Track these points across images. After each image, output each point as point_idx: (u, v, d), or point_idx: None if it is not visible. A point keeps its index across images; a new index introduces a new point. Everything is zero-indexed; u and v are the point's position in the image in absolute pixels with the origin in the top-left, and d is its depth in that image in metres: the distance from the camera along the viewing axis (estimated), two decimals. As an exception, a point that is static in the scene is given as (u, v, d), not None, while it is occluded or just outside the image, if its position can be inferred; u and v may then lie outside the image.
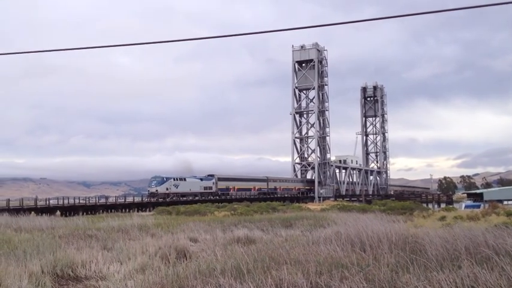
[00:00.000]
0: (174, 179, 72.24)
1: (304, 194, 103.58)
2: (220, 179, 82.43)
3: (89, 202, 59.74)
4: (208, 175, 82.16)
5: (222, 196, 78.65)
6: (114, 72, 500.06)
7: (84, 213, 48.35)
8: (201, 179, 79.25)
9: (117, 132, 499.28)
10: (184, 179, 75.15)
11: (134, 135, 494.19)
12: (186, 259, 12.97)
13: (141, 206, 61.02)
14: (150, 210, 53.96)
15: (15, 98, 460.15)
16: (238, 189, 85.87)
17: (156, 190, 68.30)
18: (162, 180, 69.94)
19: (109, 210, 52.51)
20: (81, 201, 60.38)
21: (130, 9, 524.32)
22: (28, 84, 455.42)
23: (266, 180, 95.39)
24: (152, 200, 66.46)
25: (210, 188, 79.36)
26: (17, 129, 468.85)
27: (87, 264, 12.49)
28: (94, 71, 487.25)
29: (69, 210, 52.12)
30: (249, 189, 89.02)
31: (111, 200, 64.20)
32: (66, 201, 57.56)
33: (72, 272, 12.07)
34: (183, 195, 71.87)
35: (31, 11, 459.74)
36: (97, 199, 64.83)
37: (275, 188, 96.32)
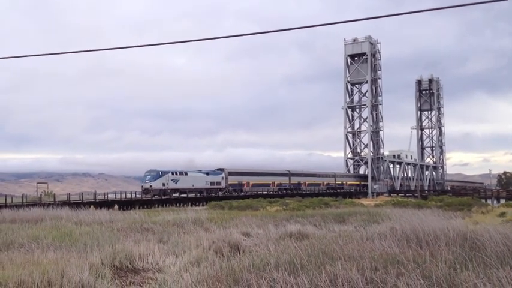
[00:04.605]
0: (172, 173, 63.77)
1: (334, 190, 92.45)
2: (231, 174, 74.35)
3: (145, 196, 61.18)
4: (218, 169, 74.30)
5: (233, 193, 71.16)
6: (169, 73, 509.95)
7: (141, 207, 49.64)
8: (207, 174, 70.79)
9: (170, 129, 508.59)
10: (186, 173, 66.57)
11: (187, 131, 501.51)
12: (239, 253, 13.08)
13: (194, 201, 61.90)
14: (203, 205, 54.74)
15: (75, 99, 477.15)
16: (254, 185, 77.50)
17: (151, 186, 60.55)
18: (158, 175, 61.73)
19: (164, 205, 53.71)
20: (137, 195, 61.79)
21: (182, 10, 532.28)
22: (87, 85, 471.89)
23: (288, 174, 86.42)
24: (145, 197, 59.45)
25: (219, 183, 71.25)
26: (77, 127, 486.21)
27: (145, 257, 12.83)
28: (150, 72, 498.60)
29: (126, 204, 53.60)
30: (267, 185, 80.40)
31: (183, 194, 64.40)
32: (123, 196, 59.29)
33: (130, 264, 12.43)
34: (185, 191, 64.92)
35: (90, 16, 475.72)
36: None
37: (299, 184, 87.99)
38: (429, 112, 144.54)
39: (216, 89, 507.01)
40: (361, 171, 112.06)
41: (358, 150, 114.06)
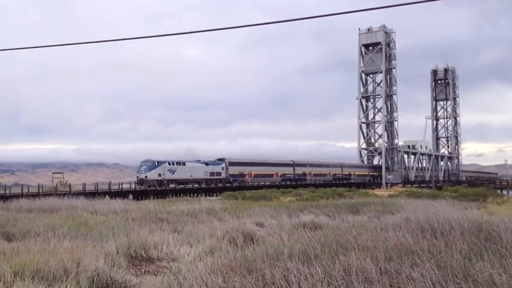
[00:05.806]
0: (169, 163, 61.86)
1: (341, 180, 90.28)
2: (232, 164, 72.20)
3: (160, 187, 61.52)
4: (218, 159, 72.25)
5: (234, 183, 69.58)
6: (183, 64, 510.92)
7: (155, 197, 49.91)
8: (207, 164, 68.58)
9: (184, 119, 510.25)
10: (184, 164, 64.63)
11: (201, 122, 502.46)
12: (253, 243, 13.12)
13: (208, 191, 62.15)
14: (217, 195, 54.97)
15: (91, 90, 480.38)
16: (256, 176, 75.40)
17: (146, 176, 58.82)
18: (153, 165, 59.89)
19: (178, 195, 54.01)
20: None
21: (194, 1, 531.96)
22: (102, 77, 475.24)
23: (292, 164, 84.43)
24: (141, 188, 57.89)
25: (219, 173, 69.18)
26: (92, 118, 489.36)
27: (159, 246, 12.94)
28: (164, 63, 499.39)
29: (140, 194, 54.04)
30: (270, 175, 78.51)
31: (180, 185, 65.17)
32: (137, 186, 59.72)
33: (145, 253, 12.55)
34: (183, 182, 63.33)
35: (102, 8, 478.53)
36: (166, 184, 66.17)
37: (304, 174, 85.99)
38: (444, 102, 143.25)
39: (230, 80, 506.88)
40: (375, 162, 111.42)
41: (372, 141, 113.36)
